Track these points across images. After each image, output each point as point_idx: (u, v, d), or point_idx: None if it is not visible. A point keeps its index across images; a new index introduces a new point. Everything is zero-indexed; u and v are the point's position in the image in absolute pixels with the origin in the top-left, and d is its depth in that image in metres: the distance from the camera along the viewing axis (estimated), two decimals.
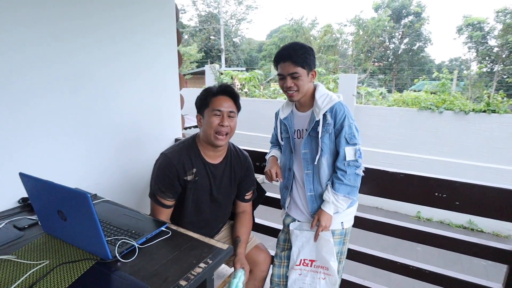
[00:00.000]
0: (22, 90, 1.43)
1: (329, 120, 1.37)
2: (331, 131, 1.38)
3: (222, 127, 1.39)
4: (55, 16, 1.51)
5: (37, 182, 1.03)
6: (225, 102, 1.41)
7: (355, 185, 1.40)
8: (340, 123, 1.37)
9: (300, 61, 1.36)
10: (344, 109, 1.38)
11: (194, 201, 1.48)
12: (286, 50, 1.38)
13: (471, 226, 5.20)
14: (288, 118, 1.53)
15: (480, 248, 1.41)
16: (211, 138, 1.40)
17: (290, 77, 1.38)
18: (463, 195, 1.35)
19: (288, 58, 1.36)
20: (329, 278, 1.41)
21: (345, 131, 1.36)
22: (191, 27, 27.26)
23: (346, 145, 1.37)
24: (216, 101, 1.40)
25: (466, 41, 18.73)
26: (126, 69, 1.90)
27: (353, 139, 1.37)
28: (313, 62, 1.40)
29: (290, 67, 1.37)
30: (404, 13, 20.82)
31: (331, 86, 8.47)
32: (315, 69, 1.43)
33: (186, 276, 0.94)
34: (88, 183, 1.73)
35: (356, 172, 1.38)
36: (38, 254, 1.03)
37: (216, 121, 1.38)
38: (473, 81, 13.88)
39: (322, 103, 1.39)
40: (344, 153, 1.36)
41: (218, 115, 1.39)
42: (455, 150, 5.73)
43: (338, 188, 1.37)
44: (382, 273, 1.72)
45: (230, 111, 1.42)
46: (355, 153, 1.37)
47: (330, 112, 1.37)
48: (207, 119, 1.40)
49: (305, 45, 1.40)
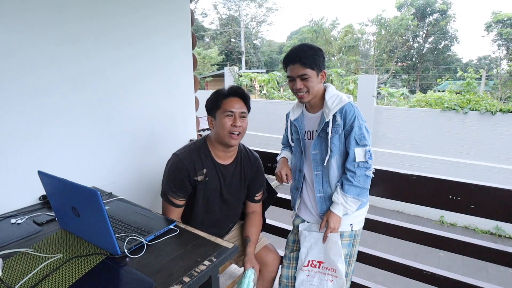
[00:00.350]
0: (42, 91, 1.51)
1: (338, 121, 1.36)
2: (340, 132, 1.37)
3: (235, 128, 1.41)
4: (72, 18, 1.59)
5: (53, 180, 1.09)
6: (236, 103, 1.43)
7: (365, 187, 1.38)
8: (350, 124, 1.36)
9: (309, 63, 1.36)
10: (354, 110, 1.37)
11: (204, 201, 1.50)
12: (295, 52, 1.39)
13: (498, 232, 4.95)
14: (299, 119, 1.53)
15: (504, 255, 1.35)
16: (225, 139, 1.42)
17: (300, 79, 1.38)
18: (478, 198, 1.30)
19: (297, 60, 1.37)
20: (337, 281, 1.40)
21: (355, 132, 1.35)
22: (212, 30, 27.67)
23: (356, 146, 1.35)
24: (228, 102, 1.42)
25: (496, 39, 17.91)
26: (142, 71, 1.96)
27: (363, 140, 1.35)
28: (322, 63, 1.40)
29: (300, 69, 1.37)
30: (428, 11, 20.15)
31: (350, 87, 8.32)
32: (324, 70, 1.43)
33: (190, 273, 0.96)
34: (105, 182, 1.80)
35: (366, 174, 1.36)
36: (53, 248, 1.09)
37: (228, 122, 1.41)
38: (503, 80, 13.23)
39: (332, 104, 1.39)
40: (354, 154, 1.35)
41: (231, 116, 1.41)
42: (481, 152, 5.48)
43: (347, 190, 1.36)
44: (401, 279, 1.68)
45: (242, 112, 1.45)
46: (365, 154, 1.35)
47: (340, 113, 1.37)
48: (219, 120, 1.42)
49: (314, 46, 1.40)
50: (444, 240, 1.48)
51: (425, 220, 5.63)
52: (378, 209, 6.24)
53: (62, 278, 0.93)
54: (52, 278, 0.93)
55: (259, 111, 8.52)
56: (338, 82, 9.27)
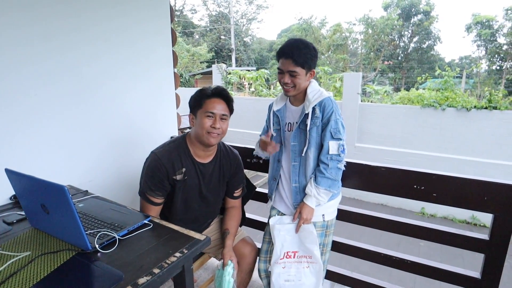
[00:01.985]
0: (13, 89, 1.50)
1: (317, 114, 1.41)
2: (318, 124, 1.42)
3: (214, 129, 1.41)
4: (45, 16, 1.57)
5: (21, 177, 1.08)
6: (218, 105, 1.42)
7: (336, 179, 1.43)
8: (327, 117, 1.41)
9: (301, 61, 1.40)
10: (333, 105, 1.42)
11: (183, 200, 1.51)
12: (290, 47, 1.41)
13: (474, 221, 5.16)
14: (281, 110, 1.58)
15: (459, 238, 1.44)
16: (203, 138, 1.42)
17: (289, 74, 1.42)
18: (440, 187, 1.39)
19: (290, 55, 1.40)
20: (313, 266, 1.44)
21: (331, 125, 1.40)
22: (201, 27, 27.46)
23: (330, 139, 1.40)
24: (210, 103, 1.42)
25: (475, 39, 18.38)
26: (118, 67, 1.95)
27: (338, 134, 1.40)
28: (314, 62, 1.45)
29: (290, 65, 1.40)
30: (413, 12, 20.51)
31: (337, 84, 8.44)
32: (314, 69, 1.47)
33: (160, 265, 0.98)
34: (81, 180, 1.79)
35: (337, 166, 1.41)
36: (23, 246, 1.09)
37: (208, 122, 1.40)
38: (482, 78, 13.61)
39: (312, 97, 1.43)
40: (328, 146, 1.40)
41: (211, 117, 1.41)
42: (458, 146, 5.70)
43: (320, 181, 1.40)
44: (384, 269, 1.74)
45: (223, 114, 1.44)
46: (338, 148, 1.40)
47: (319, 106, 1.41)
48: (199, 120, 1.42)
49: (309, 45, 1.43)
50: (407, 226, 1.55)
51: (407, 212, 5.81)
52: (363, 203, 6.37)
53: (31, 275, 0.93)
54: (20, 275, 0.93)
55: (247, 109, 8.55)
56: (325, 79, 9.38)
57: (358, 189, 1.59)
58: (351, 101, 6.71)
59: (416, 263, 1.57)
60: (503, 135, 5.36)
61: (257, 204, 1.91)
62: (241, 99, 9.05)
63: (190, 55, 18.05)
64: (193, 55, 18.29)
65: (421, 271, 1.57)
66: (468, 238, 1.43)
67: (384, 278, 1.91)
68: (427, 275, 1.56)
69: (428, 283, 3.70)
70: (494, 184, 1.32)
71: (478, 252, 1.41)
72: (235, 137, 8.60)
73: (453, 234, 1.46)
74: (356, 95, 6.64)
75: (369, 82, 14.14)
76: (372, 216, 1.62)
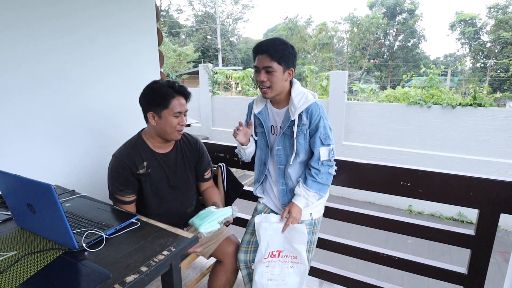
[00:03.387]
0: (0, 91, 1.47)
1: (304, 121, 1.38)
2: (306, 131, 1.40)
3: (182, 126, 1.48)
4: (30, 18, 1.55)
5: (7, 176, 1.07)
6: (183, 103, 1.48)
7: (327, 184, 1.44)
8: (315, 124, 1.38)
9: (277, 56, 1.34)
10: (319, 110, 1.39)
11: (154, 193, 1.53)
12: (265, 43, 1.37)
13: (461, 218, 5.27)
14: (263, 112, 1.54)
15: (445, 234, 1.46)
16: (172, 136, 1.48)
17: (265, 71, 1.36)
18: (425, 183, 1.40)
19: (266, 51, 1.35)
20: (298, 266, 1.44)
21: (320, 132, 1.38)
22: (188, 27, 27.26)
23: (321, 146, 1.39)
24: (177, 103, 1.44)
25: (459, 37, 18.83)
26: (104, 67, 1.93)
27: (328, 140, 1.40)
28: (291, 60, 1.38)
29: (266, 60, 1.35)
30: (398, 10, 20.85)
31: (324, 83, 8.51)
32: (293, 68, 1.40)
33: (147, 263, 0.98)
34: (68, 180, 1.77)
35: (329, 171, 1.43)
36: (8, 246, 1.07)
37: (176, 121, 1.46)
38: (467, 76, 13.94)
39: (298, 102, 1.39)
40: (319, 153, 1.39)
41: (178, 116, 1.46)
42: (444, 143, 5.81)
43: (310, 185, 1.40)
44: (372, 266, 1.76)
45: (186, 110, 1.51)
46: (329, 153, 1.40)
47: (306, 113, 1.38)
48: (166, 119, 1.44)
49: (286, 42, 1.38)
50: (394, 223, 1.57)
51: (395, 209, 5.90)
52: (351, 201, 6.45)
53: (17, 275, 0.92)
54: (6, 274, 0.92)
55: (234, 108, 8.54)
56: (312, 78, 9.44)
57: (345, 186, 1.60)
58: (338, 100, 6.78)
59: (404, 259, 1.58)
60: (488, 131, 5.46)
61: (245, 203, 1.92)
62: (228, 99, 9.04)
63: (177, 55, 17.91)
64: (179, 55, 18.15)
65: (408, 268, 1.59)
66: (454, 233, 1.45)
67: (373, 275, 1.94)
68: (415, 272, 1.58)
69: (416, 280, 3.79)
70: (479, 180, 1.34)
71: (465, 248, 1.43)
72: (222, 136, 8.59)
73: (440, 230, 1.47)
74: (342, 93, 6.71)
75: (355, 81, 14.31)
76: (360, 213, 1.64)
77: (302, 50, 19.69)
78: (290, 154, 1.46)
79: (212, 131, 9.10)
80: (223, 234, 1.63)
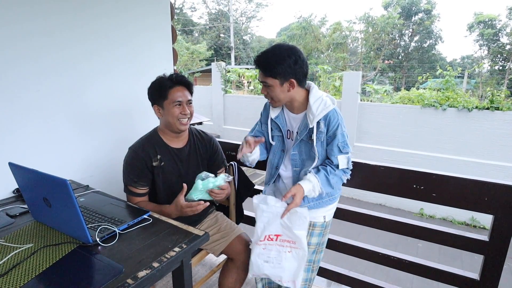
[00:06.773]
0: (14, 84, 1.51)
1: (322, 128, 1.35)
2: (323, 139, 1.38)
3: (184, 115, 1.50)
4: (45, 11, 1.59)
5: (24, 171, 1.10)
6: (182, 92, 1.50)
7: (334, 187, 1.42)
8: (333, 131, 1.35)
9: (268, 72, 1.31)
10: (338, 117, 1.36)
11: (166, 186, 1.56)
12: (259, 58, 1.34)
13: (474, 223, 5.15)
14: (280, 117, 1.51)
15: (458, 239, 1.44)
16: (175, 126, 1.50)
17: (263, 85, 1.37)
18: (439, 187, 1.38)
19: (258, 66, 1.34)
20: (296, 251, 1.39)
21: (338, 139, 1.36)
22: (201, 25, 27.43)
23: (339, 154, 1.37)
24: (175, 93, 1.48)
25: (477, 39, 18.35)
26: (118, 62, 1.97)
27: (346, 148, 1.38)
28: (290, 71, 1.30)
29: (261, 75, 1.35)
30: (414, 11, 20.46)
31: (337, 83, 8.43)
32: (294, 77, 1.32)
33: (159, 259, 0.99)
34: (82, 175, 1.81)
35: (341, 177, 1.41)
36: (25, 239, 1.10)
37: (177, 111, 1.48)
38: (484, 78, 13.59)
39: (316, 109, 1.35)
40: (337, 161, 1.37)
41: (179, 105, 1.48)
42: (458, 147, 5.67)
43: (322, 180, 1.36)
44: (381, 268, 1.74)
45: (188, 100, 1.52)
46: (348, 161, 1.39)
47: (324, 120, 1.35)
48: (168, 110, 1.48)
49: (280, 54, 1.29)
50: (406, 226, 1.55)
51: (406, 212, 5.81)
52: (361, 202, 6.40)
53: (33, 267, 0.95)
54: (23, 266, 0.95)
55: (245, 107, 8.55)
56: (324, 78, 9.38)
57: (357, 188, 1.59)
58: (351, 100, 6.70)
59: (414, 263, 1.56)
60: (505, 136, 5.30)
61: None
62: (240, 97, 9.05)
63: (190, 53, 18.04)
64: (192, 53, 18.29)
65: (419, 272, 1.57)
66: (467, 239, 1.42)
67: (381, 277, 1.92)
68: (425, 276, 1.56)
69: (426, 284, 3.73)
70: (494, 185, 1.31)
71: (478, 253, 1.40)
72: (234, 135, 8.61)
73: (453, 234, 1.45)
74: (355, 94, 6.64)
75: (369, 82, 14.13)
76: (370, 215, 1.63)
77: (315, 49, 19.55)
78: (306, 159, 1.44)
79: (224, 130, 9.14)
80: (234, 232, 1.64)
